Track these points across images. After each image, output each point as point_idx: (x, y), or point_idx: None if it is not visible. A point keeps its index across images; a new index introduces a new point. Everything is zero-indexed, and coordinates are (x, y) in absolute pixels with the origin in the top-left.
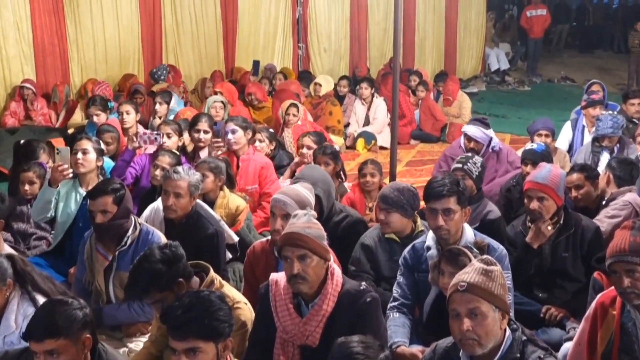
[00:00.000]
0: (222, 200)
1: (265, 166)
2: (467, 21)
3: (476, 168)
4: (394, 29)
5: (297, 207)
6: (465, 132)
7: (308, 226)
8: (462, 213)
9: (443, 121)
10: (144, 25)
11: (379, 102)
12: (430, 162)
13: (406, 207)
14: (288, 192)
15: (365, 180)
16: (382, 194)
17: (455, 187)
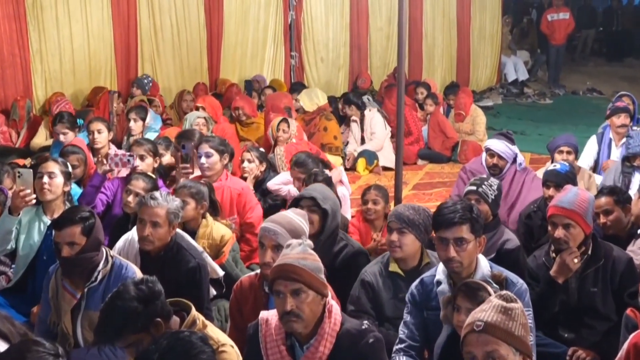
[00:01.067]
0: (204, 229)
1: (243, 192)
2: (481, 26)
3: (492, 191)
4: (398, 35)
5: (289, 236)
6: (489, 147)
7: (303, 257)
8: (477, 243)
9: (454, 139)
10: (117, 33)
11: (372, 115)
12: (440, 185)
13: (421, 229)
14: (279, 220)
15: (367, 208)
16: (397, 212)
17: (468, 214)
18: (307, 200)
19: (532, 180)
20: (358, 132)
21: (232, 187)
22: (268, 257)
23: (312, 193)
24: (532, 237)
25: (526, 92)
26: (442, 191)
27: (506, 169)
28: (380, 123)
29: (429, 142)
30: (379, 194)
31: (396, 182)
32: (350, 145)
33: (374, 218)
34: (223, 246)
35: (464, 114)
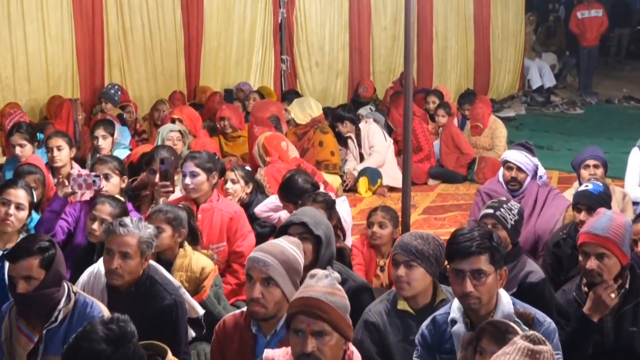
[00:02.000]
0: (182, 260)
1: (235, 217)
2: (503, 25)
3: (512, 215)
4: (405, 35)
5: (281, 268)
6: (506, 159)
7: (331, 292)
8: (497, 275)
9: (470, 155)
10: (79, 34)
11: (367, 127)
12: (455, 209)
13: (432, 260)
14: (270, 249)
15: (373, 232)
16: (403, 243)
17: (487, 242)
18: (297, 227)
19: (554, 198)
20: (356, 149)
21: (224, 210)
22: (256, 292)
23: (303, 218)
24: (561, 268)
25: (553, 100)
26: (456, 216)
27: (527, 184)
28: (378, 134)
29: (441, 158)
30: (387, 216)
31: (403, 205)
32: (349, 163)
33: (380, 243)
34: (204, 280)
35: (481, 126)
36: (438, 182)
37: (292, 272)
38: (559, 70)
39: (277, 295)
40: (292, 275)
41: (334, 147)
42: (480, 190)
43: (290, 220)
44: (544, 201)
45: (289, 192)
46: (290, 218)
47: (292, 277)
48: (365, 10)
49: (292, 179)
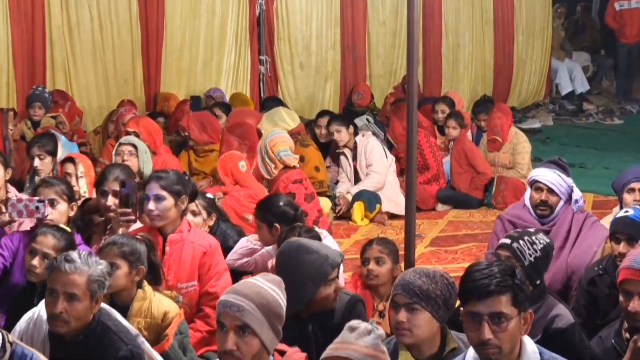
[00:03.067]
0: (141, 304)
1: (209, 251)
2: (528, 19)
3: (532, 250)
4: (407, 32)
5: (259, 314)
6: (535, 179)
7: (374, 355)
8: (520, 319)
9: (487, 174)
10: (15, 32)
11: (365, 141)
12: (469, 239)
13: (439, 303)
14: (245, 290)
15: (368, 270)
16: (404, 281)
17: (509, 280)
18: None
19: (591, 226)
20: (350, 168)
21: (196, 242)
22: (230, 344)
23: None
24: (597, 310)
25: (586, 109)
26: (471, 248)
27: (559, 209)
28: (377, 151)
29: (452, 179)
30: (385, 249)
31: (406, 236)
32: (342, 185)
33: (377, 283)
34: (167, 327)
35: (500, 140)
36: (448, 208)
37: (272, 317)
38: (593, 73)
39: (255, 346)
40: (272, 320)
41: (319, 161)
42: (502, 217)
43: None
44: (579, 230)
45: (266, 209)
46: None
47: (272, 323)
48: (360, 1)
49: (273, 198)
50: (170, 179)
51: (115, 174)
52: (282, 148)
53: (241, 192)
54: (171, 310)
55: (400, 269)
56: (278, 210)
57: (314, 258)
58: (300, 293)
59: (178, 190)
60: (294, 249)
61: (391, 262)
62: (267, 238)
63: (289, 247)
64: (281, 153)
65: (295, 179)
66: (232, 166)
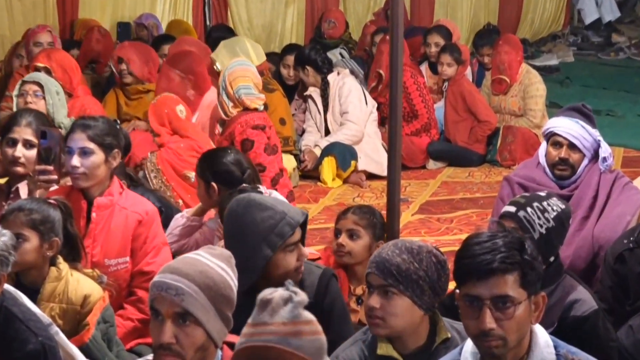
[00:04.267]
0: (54, 285)
1: (146, 220)
2: None
3: (543, 220)
4: None
5: (203, 297)
6: (553, 130)
7: (296, 331)
8: (530, 305)
9: (491, 124)
10: None
11: (341, 81)
12: (468, 205)
13: (423, 288)
14: (185, 268)
15: (338, 245)
16: (379, 258)
17: (516, 255)
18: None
19: (623, 190)
20: (320, 115)
21: (130, 208)
22: (167, 336)
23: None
24: (626, 293)
25: (616, 41)
26: (470, 215)
27: (583, 168)
28: (355, 95)
29: (446, 129)
30: (362, 221)
31: (389, 201)
32: (309, 137)
33: (349, 262)
34: (87, 314)
35: (508, 80)
36: (442, 165)
37: (219, 301)
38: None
39: (198, 337)
40: (219, 306)
41: (285, 112)
42: (510, 178)
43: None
44: (608, 195)
45: (206, 164)
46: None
47: (220, 309)
48: None
49: (219, 152)
50: (99, 127)
51: (28, 120)
52: (243, 84)
53: (181, 143)
54: (93, 293)
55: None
56: (221, 167)
57: (267, 215)
58: (252, 260)
59: (110, 142)
60: (243, 206)
61: (369, 236)
62: (203, 199)
63: (237, 204)
64: (241, 90)
65: (256, 124)
66: (168, 112)
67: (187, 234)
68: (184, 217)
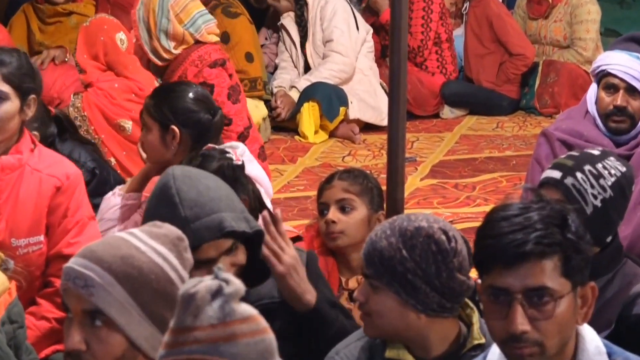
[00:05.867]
0: None
1: (66, 186)
2: None
3: (599, 189)
4: None
5: (121, 290)
6: (605, 69)
7: (228, 336)
8: (576, 300)
9: (527, 57)
10: None
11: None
12: (495, 166)
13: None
14: (101, 251)
15: (327, 223)
16: (369, 240)
17: (557, 234)
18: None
19: None
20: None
21: (45, 171)
22: (74, 340)
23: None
24: None
25: None
26: (498, 180)
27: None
28: (342, 17)
29: (467, 65)
30: (354, 187)
31: (390, 161)
32: (283, 75)
33: (343, 244)
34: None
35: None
36: (462, 114)
37: (148, 298)
38: None
39: (116, 344)
40: (150, 305)
41: (253, 43)
42: (550, 133)
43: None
44: None
45: (164, 100)
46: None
47: (150, 308)
48: None
49: (181, 85)
50: (14, 65)
51: None
52: (198, 11)
53: (115, 83)
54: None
55: (384, 218)
56: (184, 105)
57: (168, 214)
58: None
59: (27, 86)
60: (164, 184)
61: (365, 206)
62: (155, 149)
63: (159, 181)
64: (199, 20)
65: (214, 60)
66: (105, 40)
67: (124, 216)
68: (117, 194)
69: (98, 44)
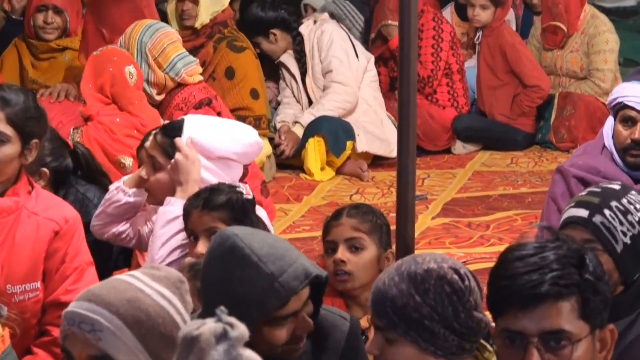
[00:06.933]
0: None
1: (65, 231)
2: None
3: (627, 225)
4: None
5: (130, 336)
6: (623, 101)
7: None
8: (594, 343)
9: (542, 89)
10: None
11: (320, 31)
12: (510, 204)
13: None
14: (107, 295)
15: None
16: (376, 288)
17: (574, 274)
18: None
19: None
20: (298, 84)
21: (42, 215)
22: None
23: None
24: None
25: None
26: (512, 219)
27: None
28: (339, 45)
29: (480, 98)
30: (364, 225)
31: (400, 199)
32: (286, 110)
33: (353, 287)
34: None
35: (564, 28)
36: (474, 149)
37: (155, 342)
38: None
39: None
40: (156, 348)
41: (258, 79)
42: (565, 169)
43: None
44: None
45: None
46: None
47: (156, 352)
48: None
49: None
50: (19, 107)
51: None
52: (178, 54)
53: (117, 117)
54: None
55: (393, 256)
56: None
57: (248, 277)
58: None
59: (31, 130)
60: (223, 251)
61: (375, 245)
62: (166, 189)
63: (218, 245)
64: (178, 63)
65: (199, 100)
66: (113, 71)
67: (124, 215)
68: (121, 189)
69: (105, 75)
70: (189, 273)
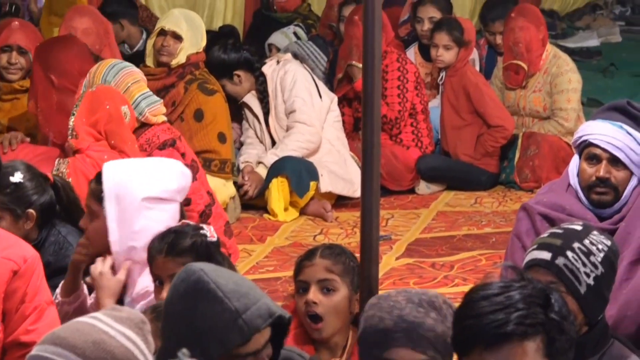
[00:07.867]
0: None
1: (24, 271)
2: None
3: (590, 267)
4: None
5: None
6: (588, 139)
7: None
8: None
9: (506, 129)
10: None
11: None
12: (474, 244)
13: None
14: (72, 338)
15: (307, 304)
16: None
17: (539, 314)
18: None
19: None
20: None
21: (0, 255)
22: None
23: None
24: None
25: None
26: (476, 259)
27: (629, 191)
28: (303, 85)
29: (444, 138)
30: (337, 265)
31: (364, 239)
32: (249, 150)
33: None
34: None
35: (525, 67)
36: (438, 189)
37: None
38: None
39: None
40: None
41: (226, 123)
42: (530, 207)
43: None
44: None
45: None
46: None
47: None
48: None
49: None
50: None
51: None
52: (141, 94)
53: (105, 154)
54: None
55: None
56: None
57: (213, 312)
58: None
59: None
60: (188, 286)
61: (347, 287)
62: (103, 236)
63: (182, 280)
64: (142, 102)
65: (163, 141)
66: (110, 109)
67: (87, 312)
68: (61, 302)
69: (101, 111)
70: (152, 314)
